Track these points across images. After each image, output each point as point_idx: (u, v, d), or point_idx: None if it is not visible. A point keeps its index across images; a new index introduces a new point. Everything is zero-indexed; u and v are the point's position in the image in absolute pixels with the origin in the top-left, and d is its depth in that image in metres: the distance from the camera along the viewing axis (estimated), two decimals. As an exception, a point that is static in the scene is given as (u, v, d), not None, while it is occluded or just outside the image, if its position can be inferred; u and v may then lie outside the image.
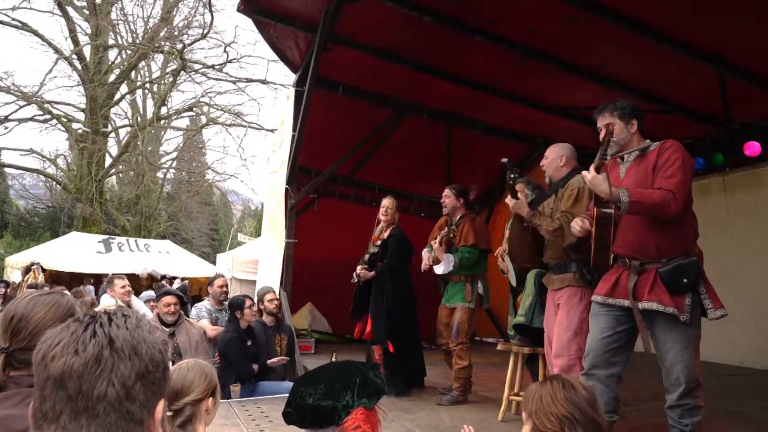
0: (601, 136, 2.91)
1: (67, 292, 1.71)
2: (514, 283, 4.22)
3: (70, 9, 17.97)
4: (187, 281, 13.20)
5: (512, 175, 3.39)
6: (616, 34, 4.97)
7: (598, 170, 2.68)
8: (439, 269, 4.62)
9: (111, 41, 19.35)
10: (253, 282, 8.30)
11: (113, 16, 19.17)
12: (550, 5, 4.69)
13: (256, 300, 5.13)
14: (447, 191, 4.88)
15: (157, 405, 0.85)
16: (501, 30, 5.31)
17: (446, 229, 4.61)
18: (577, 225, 2.92)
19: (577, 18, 4.83)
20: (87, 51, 18.67)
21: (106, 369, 0.79)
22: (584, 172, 2.73)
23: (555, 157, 3.62)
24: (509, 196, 3.48)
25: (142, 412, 0.83)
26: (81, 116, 19.40)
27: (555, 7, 4.70)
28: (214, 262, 15.57)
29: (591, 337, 2.90)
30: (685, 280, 2.62)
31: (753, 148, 6.26)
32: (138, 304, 5.55)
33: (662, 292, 2.63)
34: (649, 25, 4.85)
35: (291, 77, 6.78)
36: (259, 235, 12.34)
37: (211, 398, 1.87)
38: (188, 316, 5.67)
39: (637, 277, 2.73)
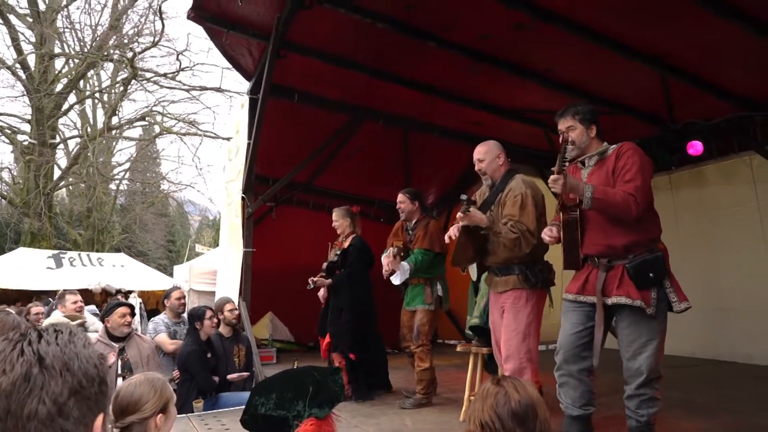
0: (562, 139, 2.98)
1: (9, 310, 1.65)
2: (474, 278, 4.25)
3: (11, 17, 17.31)
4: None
5: (470, 209, 3.34)
6: (563, 39, 5.10)
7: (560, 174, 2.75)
8: (395, 280, 4.62)
9: (57, 50, 18.71)
10: (212, 293, 8.14)
11: (59, 24, 18.54)
12: (499, 12, 4.78)
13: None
14: (402, 197, 4.89)
15: (95, 420, 0.84)
16: (453, 36, 5.39)
17: (395, 248, 4.60)
18: (546, 236, 3.00)
19: (525, 24, 4.95)
20: (31, 60, 18.01)
21: (36, 387, 0.78)
22: (550, 182, 2.77)
23: (492, 158, 3.58)
24: (460, 214, 3.33)
25: (78, 428, 0.82)
26: (27, 127, 18.67)
27: (504, 13, 4.80)
28: (171, 275, 15.19)
29: (562, 333, 2.96)
30: (651, 275, 2.71)
31: (696, 147, 6.51)
32: (91, 318, 5.39)
33: (630, 287, 2.72)
34: (594, 30, 5.01)
35: (245, 85, 6.72)
36: (217, 245, 12.13)
37: (160, 414, 1.81)
38: (144, 331, 5.54)
39: (605, 274, 2.81)
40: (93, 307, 7.45)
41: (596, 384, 2.95)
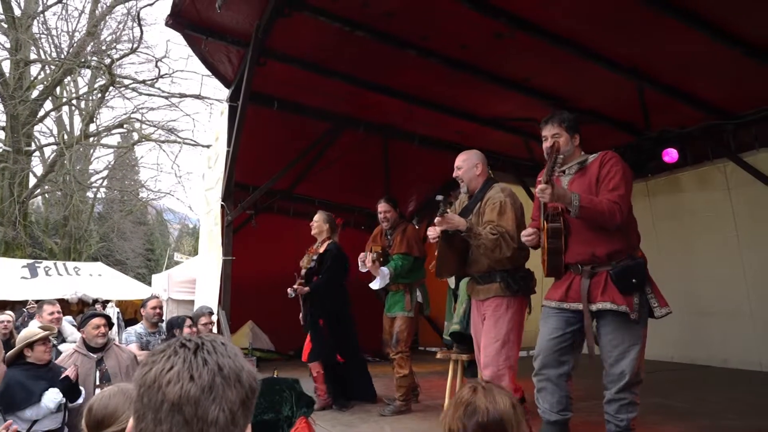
0: (546, 145, 2.99)
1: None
2: (452, 285, 4.28)
3: (-14, 23, 17.04)
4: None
5: (447, 211, 3.35)
6: (541, 48, 5.17)
7: (548, 183, 2.77)
8: (375, 285, 4.63)
9: (33, 56, 18.44)
10: (191, 302, 8.06)
11: (35, 30, 18.27)
12: (477, 21, 4.83)
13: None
14: (386, 206, 4.89)
15: (247, 428, 0.91)
16: (432, 45, 5.42)
17: (374, 253, 4.62)
18: (524, 237, 3.03)
19: (503, 33, 5.01)
20: (6, 66, 17.70)
21: (218, 395, 0.83)
22: (538, 192, 2.79)
23: (470, 166, 3.56)
24: (437, 218, 3.23)
25: None
26: (1, 135, 18.35)
27: (482, 22, 4.85)
28: (149, 284, 15.00)
29: (541, 338, 2.98)
30: (633, 281, 2.76)
31: (671, 155, 6.63)
32: (69, 329, 5.29)
33: (614, 293, 2.76)
34: (571, 40, 5.08)
35: (225, 92, 6.68)
36: (196, 253, 12.01)
37: None
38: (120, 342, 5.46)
39: (589, 281, 2.84)
40: (70, 317, 7.32)
41: (573, 389, 2.97)
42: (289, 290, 5.02)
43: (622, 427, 2.77)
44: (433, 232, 3.33)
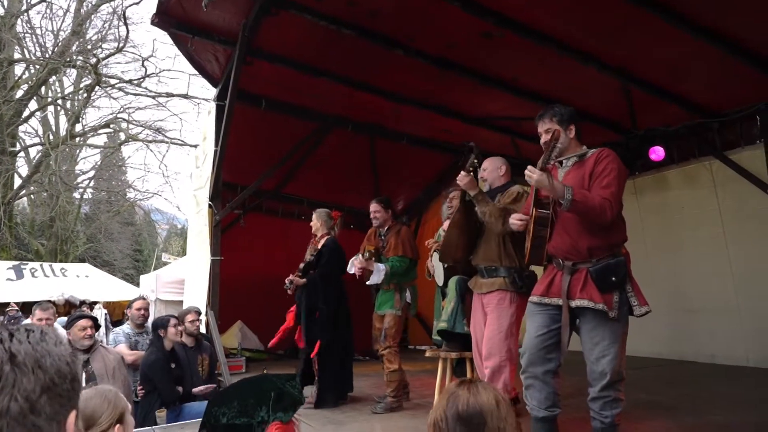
0: (543, 140, 3.01)
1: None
2: (440, 283, 4.30)
3: (-31, 21, 16.82)
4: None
5: (475, 160, 3.37)
6: (529, 48, 5.19)
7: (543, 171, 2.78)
8: (372, 279, 4.69)
9: (17, 55, 18.25)
10: (179, 303, 8.00)
11: (19, 29, 18.07)
12: (465, 21, 4.84)
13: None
14: (376, 206, 4.93)
15: (68, 416, 0.86)
16: (420, 44, 5.43)
17: (368, 252, 4.71)
18: (516, 220, 3.04)
19: (491, 33, 5.02)
20: (-10, 66, 17.51)
21: (7, 384, 0.79)
22: (528, 171, 2.78)
23: (495, 167, 3.80)
24: (462, 173, 3.35)
25: (51, 424, 0.83)
26: (-15, 135, 18.13)
27: (470, 22, 4.86)
28: (137, 284, 14.90)
29: (527, 336, 3.00)
30: (613, 279, 2.76)
31: (657, 153, 6.69)
32: (61, 332, 5.24)
33: (593, 290, 2.76)
34: (559, 40, 5.11)
35: (213, 91, 6.64)
36: (185, 254, 11.93)
37: (117, 425, 1.77)
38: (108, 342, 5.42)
39: (570, 277, 2.85)
40: (64, 319, 7.23)
41: (560, 386, 2.99)
42: (286, 281, 5.08)
43: (607, 423, 2.79)
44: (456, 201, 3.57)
